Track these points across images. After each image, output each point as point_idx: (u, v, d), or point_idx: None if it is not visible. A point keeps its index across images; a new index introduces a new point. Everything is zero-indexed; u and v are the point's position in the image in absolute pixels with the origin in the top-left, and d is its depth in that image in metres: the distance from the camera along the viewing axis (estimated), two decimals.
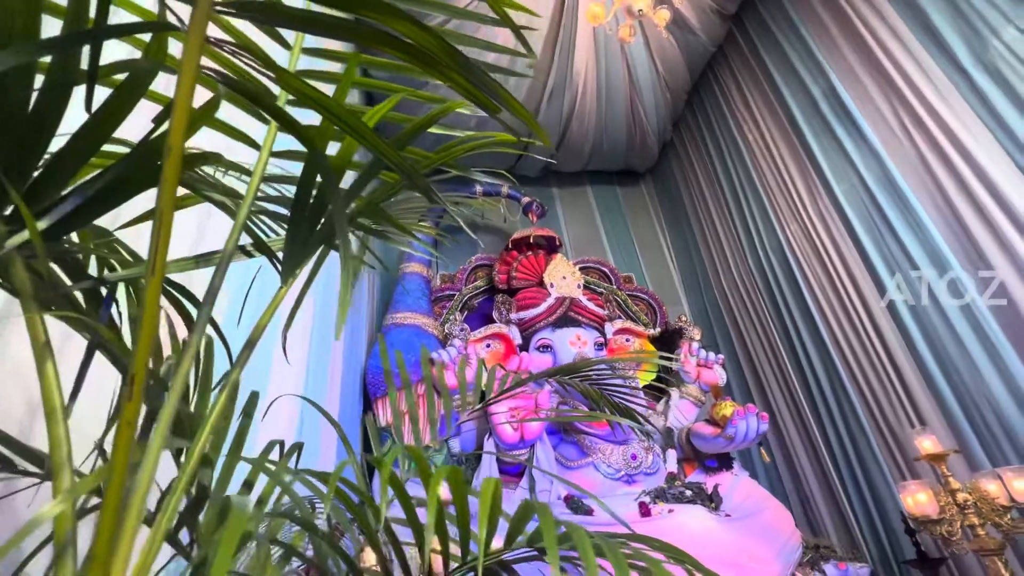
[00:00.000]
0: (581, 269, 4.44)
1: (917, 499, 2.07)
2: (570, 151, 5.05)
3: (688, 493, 2.74)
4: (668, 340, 3.95)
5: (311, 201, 0.50)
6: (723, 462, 3.11)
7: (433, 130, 0.64)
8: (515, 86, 4.22)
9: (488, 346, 3.72)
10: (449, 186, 5.08)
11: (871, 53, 3.09)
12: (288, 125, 0.45)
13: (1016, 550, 2.33)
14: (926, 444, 2.16)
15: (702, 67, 4.71)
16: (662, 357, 0.99)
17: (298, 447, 0.60)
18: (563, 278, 3.91)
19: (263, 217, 0.68)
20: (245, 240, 0.59)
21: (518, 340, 3.71)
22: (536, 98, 4.37)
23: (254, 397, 0.63)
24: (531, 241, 4.13)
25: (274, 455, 0.60)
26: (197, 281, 0.63)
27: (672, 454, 3.15)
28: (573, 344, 3.53)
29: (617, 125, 4.77)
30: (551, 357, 3.53)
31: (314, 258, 0.62)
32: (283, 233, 0.62)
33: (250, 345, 0.51)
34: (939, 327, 2.74)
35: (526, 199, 4.50)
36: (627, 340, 4.02)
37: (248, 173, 0.58)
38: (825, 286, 3.49)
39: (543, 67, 4.14)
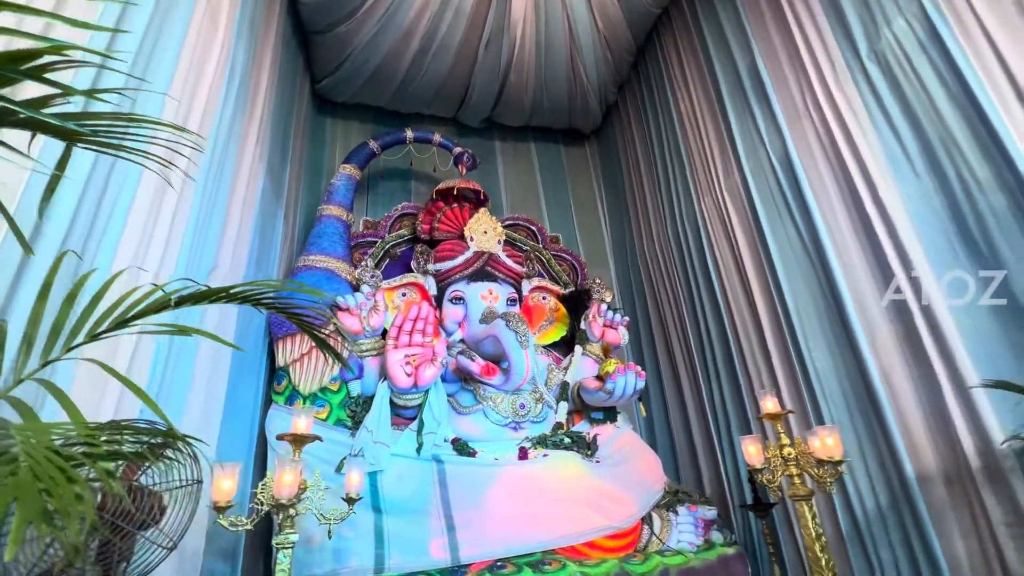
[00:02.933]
0: (510, 226, 4.47)
1: (749, 451, 2.32)
2: (510, 103, 4.95)
3: (567, 440, 2.94)
4: (581, 299, 4.07)
5: None
6: (608, 415, 3.34)
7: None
8: (450, 31, 4.06)
9: (404, 295, 3.75)
10: (383, 129, 4.92)
11: (790, 30, 3.13)
12: None
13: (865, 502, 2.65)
14: (768, 405, 2.39)
15: (647, 30, 4.64)
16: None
17: None
18: (484, 233, 3.94)
19: None
20: None
21: (433, 291, 3.76)
22: (474, 44, 4.22)
23: None
24: (455, 193, 4.10)
25: None
26: None
27: (564, 406, 3.34)
28: (484, 298, 3.60)
29: (557, 80, 4.69)
30: (463, 309, 3.61)
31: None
32: None
33: None
34: (812, 308, 2.96)
35: (457, 149, 4.42)
36: (543, 298, 4.14)
37: None
38: (728, 260, 3.67)
39: (480, 12, 3.98)
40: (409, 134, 4.40)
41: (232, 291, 0.73)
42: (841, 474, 2.11)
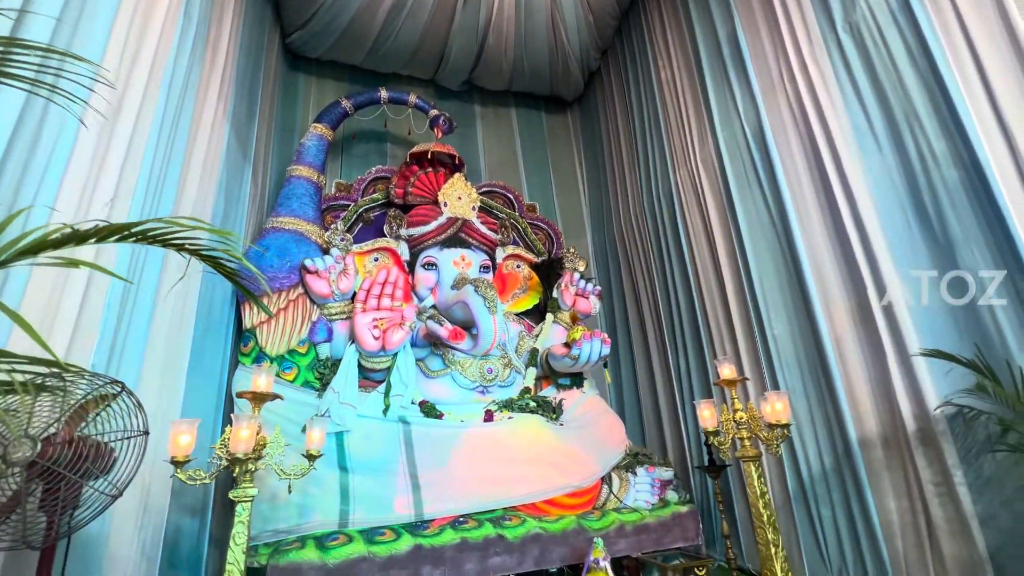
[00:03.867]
0: (486, 193, 4.42)
1: (704, 414, 2.41)
2: (489, 66, 4.82)
3: (532, 404, 3.01)
4: (554, 268, 4.08)
5: None
6: (575, 381, 3.41)
7: None
8: None
9: (376, 260, 3.72)
10: (359, 88, 4.76)
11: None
12: None
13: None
14: (725, 371, 2.47)
15: None
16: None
17: None
18: (458, 198, 3.90)
19: None
20: None
21: (406, 256, 3.73)
22: (450, 2, 4.06)
23: None
24: (430, 157, 4.02)
25: None
26: None
27: (532, 371, 3.41)
28: (457, 264, 3.60)
29: (538, 43, 4.56)
30: (435, 275, 3.59)
31: None
32: None
33: None
34: (774, 278, 3.02)
35: (433, 112, 4.31)
36: (517, 266, 4.15)
37: None
38: (699, 231, 3.70)
39: None
40: (383, 94, 4.27)
41: (135, 229, 0.70)
42: (787, 436, 2.21)
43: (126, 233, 0.70)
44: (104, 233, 0.67)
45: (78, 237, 0.64)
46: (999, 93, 1.99)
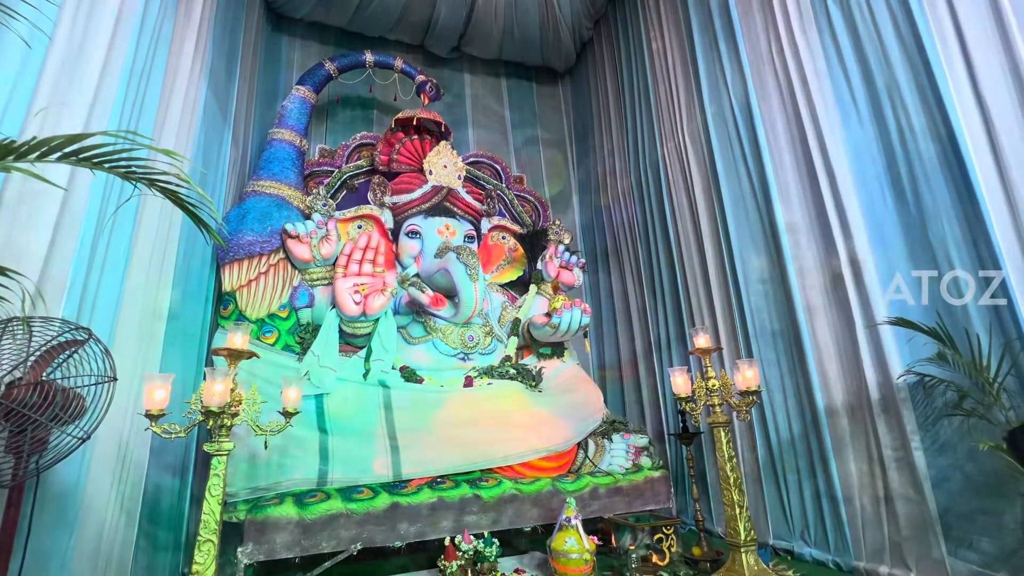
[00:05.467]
0: (473, 163, 4.38)
1: (677, 382, 2.46)
2: (479, 32, 4.71)
3: (512, 372, 3.05)
4: (538, 240, 4.07)
5: None
6: (555, 351, 3.46)
7: None
8: None
9: (360, 227, 3.69)
10: (339, 51, 4.63)
11: None
12: None
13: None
14: (700, 341, 2.51)
15: None
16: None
17: None
18: (444, 167, 3.85)
19: None
20: None
21: (390, 224, 3.70)
22: None
23: None
24: (415, 123, 3.95)
25: None
26: None
27: (514, 341, 3.44)
28: (441, 233, 3.58)
29: (528, 9, 4.46)
30: (419, 244, 3.58)
31: None
32: None
33: None
34: (753, 251, 3.05)
35: (420, 77, 4.22)
36: (503, 238, 4.14)
37: None
38: (683, 204, 3.71)
39: None
40: (369, 57, 4.17)
41: (71, 147, 0.66)
42: (756, 403, 2.27)
43: (64, 152, 0.68)
44: (38, 147, 0.65)
45: (8, 151, 0.63)
46: (979, 68, 1.99)
